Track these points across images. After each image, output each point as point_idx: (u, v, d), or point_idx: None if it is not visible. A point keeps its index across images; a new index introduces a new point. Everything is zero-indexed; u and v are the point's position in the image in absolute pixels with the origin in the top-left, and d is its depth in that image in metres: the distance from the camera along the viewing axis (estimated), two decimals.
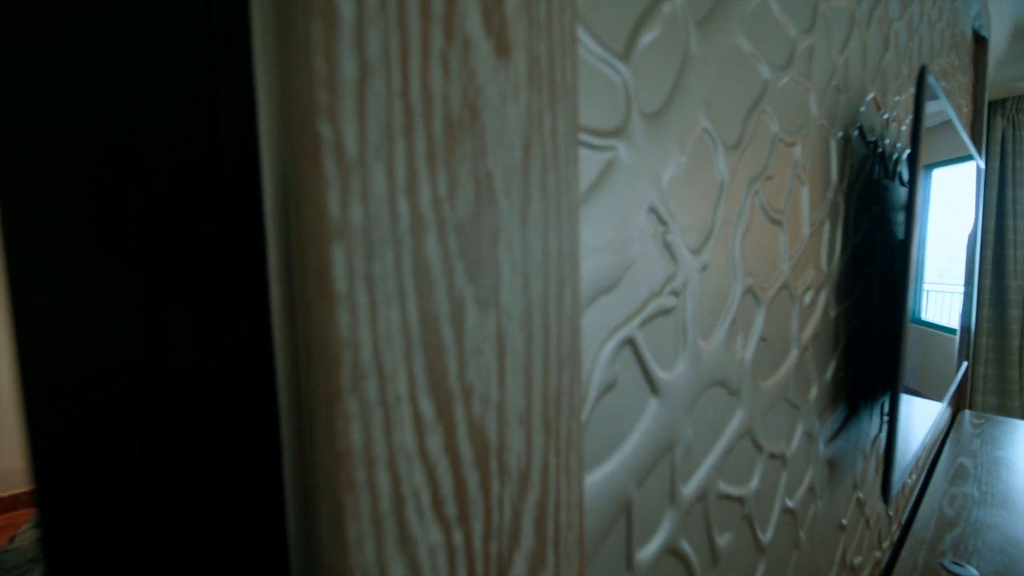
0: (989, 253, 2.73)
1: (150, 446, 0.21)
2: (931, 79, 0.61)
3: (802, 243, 0.55)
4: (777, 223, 0.49)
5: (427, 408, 0.16)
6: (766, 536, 0.52)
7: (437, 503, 0.17)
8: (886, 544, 1.08)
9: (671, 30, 0.33)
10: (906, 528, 1.26)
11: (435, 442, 0.17)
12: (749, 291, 0.45)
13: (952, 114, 0.76)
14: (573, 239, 0.21)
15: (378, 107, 0.15)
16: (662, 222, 0.34)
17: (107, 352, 0.24)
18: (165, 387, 0.21)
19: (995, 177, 2.72)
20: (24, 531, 2.21)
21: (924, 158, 0.67)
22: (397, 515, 0.16)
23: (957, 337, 1.42)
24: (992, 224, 2.73)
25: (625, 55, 0.30)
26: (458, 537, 0.18)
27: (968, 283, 1.46)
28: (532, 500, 0.20)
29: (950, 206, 1.01)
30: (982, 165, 1.28)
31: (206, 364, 0.21)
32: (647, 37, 0.31)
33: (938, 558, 1.03)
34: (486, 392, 0.18)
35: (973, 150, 1.01)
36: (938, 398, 1.06)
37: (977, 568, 0.99)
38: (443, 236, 0.16)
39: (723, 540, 0.44)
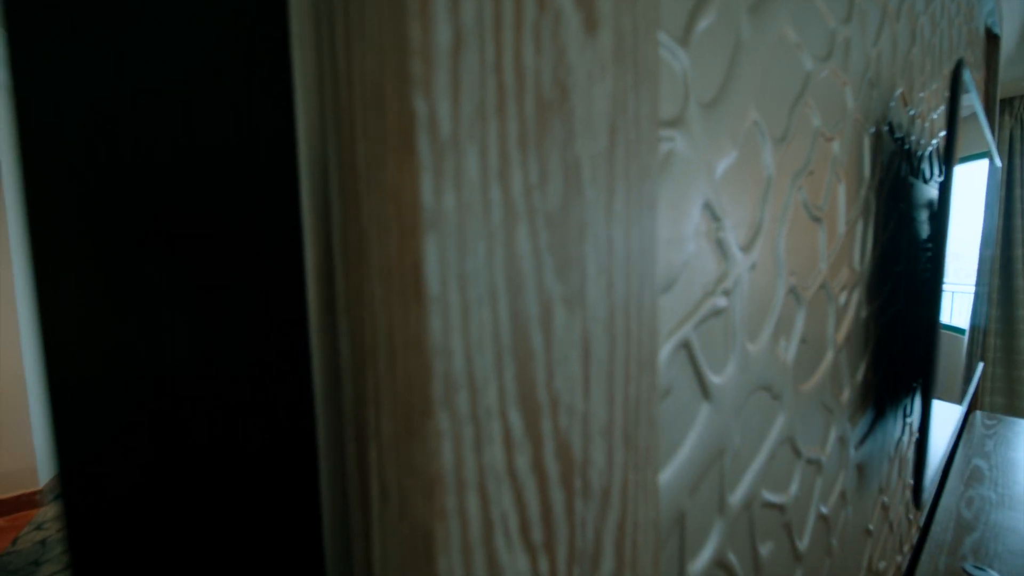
0: (997, 252, 2.71)
1: (176, 452, 0.20)
2: (967, 74, 0.60)
3: (838, 241, 0.54)
4: (817, 220, 0.48)
5: (516, 422, 0.15)
6: (803, 544, 0.51)
7: (524, 527, 0.15)
8: (906, 548, 1.07)
9: (725, 16, 0.32)
10: (924, 531, 1.25)
11: (523, 460, 0.15)
12: (792, 291, 0.43)
13: (980, 110, 0.74)
14: (652, 235, 0.20)
15: (472, 81, 0.13)
16: (716, 218, 0.32)
17: (121, 353, 0.22)
18: (196, 392, 0.20)
19: (1003, 176, 2.71)
20: (26, 533, 2.20)
21: (955, 154, 0.65)
22: (486, 543, 0.14)
23: (967, 337, 1.40)
24: (999, 223, 2.71)
25: (684, 40, 0.28)
26: (544, 564, 0.16)
27: (980, 282, 1.45)
28: (612, 520, 0.18)
29: (959, 204, 0.99)
30: (999, 163, 1.26)
31: (239, 370, 0.20)
32: (704, 22, 0.29)
33: (959, 562, 1.01)
34: (572, 403, 0.16)
35: (994, 147, 1.00)
36: (948, 399, 1.05)
37: (999, 572, 0.98)
38: (533, 229, 0.15)
39: (765, 549, 0.43)
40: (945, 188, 0.60)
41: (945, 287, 0.65)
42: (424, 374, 0.13)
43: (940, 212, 0.58)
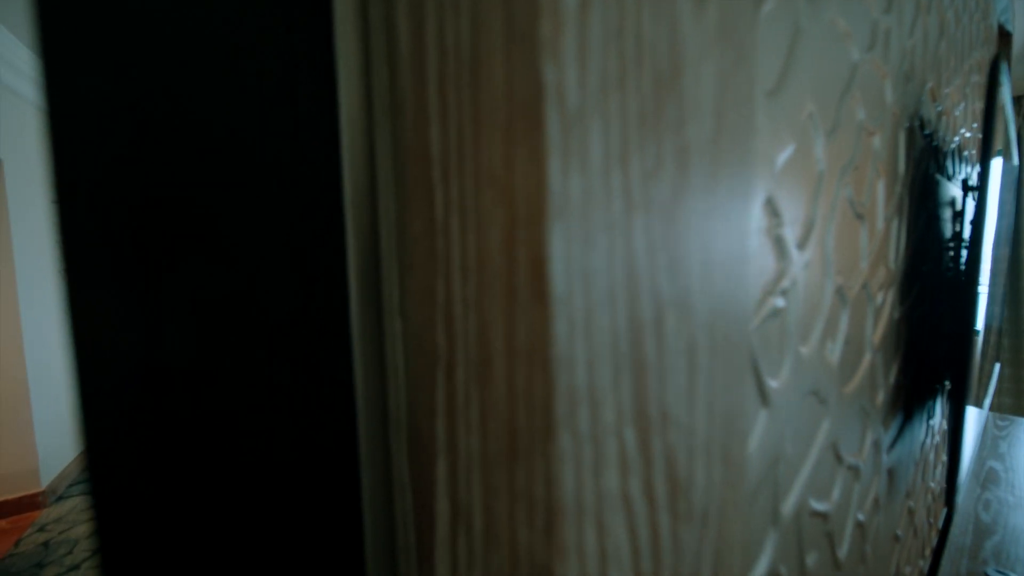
0: (1004, 252, 2.70)
1: (190, 453, 0.18)
2: (1005, 69, 0.58)
3: (877, 239, 0.52)
4: (860, 217, 0.46)
5: (630, 440, 0.13)
6: (842, 552, 0.49)
7: (635, 558, 0.13)
8: (927, 552, 1.05)
9: (785, 1, 0.30)
10: (943, 535, 1.23)
11: (636, 483, 0.13)
12: (838, 291, 0.42)
13: (1009, 106, 0.72)
14: (747, 231, 0.18)
15: (597, 47, 0.11)
16: (775, 214, 0.30)
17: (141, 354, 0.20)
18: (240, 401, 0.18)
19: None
20: (29, 535, 2.18)
21: (980, 152, 0.63)
22: None
23: (981, 338, 1.38)
24: (1006, 223, 2.70)
25: (749, 26, 0.26)
26: None
27: (993, 282, 1.43)
28: (710, 544, 0.17)
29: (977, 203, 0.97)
30: (1016, 161, 1.24)
31: (268, 370, 0.18)
32: (768, 5, 0.28)
33: (981, 566, 0.99)
34: (679, 416, 0.15)
35: (1015, 144, 0.98)
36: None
37: None
38: (648, 221, 0.13)
39: (811, 559, 0.41)
40: (982, 185, 0.58)
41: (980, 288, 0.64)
42: (545, 388, 0.11)
43: (977, 210, 0.56)
